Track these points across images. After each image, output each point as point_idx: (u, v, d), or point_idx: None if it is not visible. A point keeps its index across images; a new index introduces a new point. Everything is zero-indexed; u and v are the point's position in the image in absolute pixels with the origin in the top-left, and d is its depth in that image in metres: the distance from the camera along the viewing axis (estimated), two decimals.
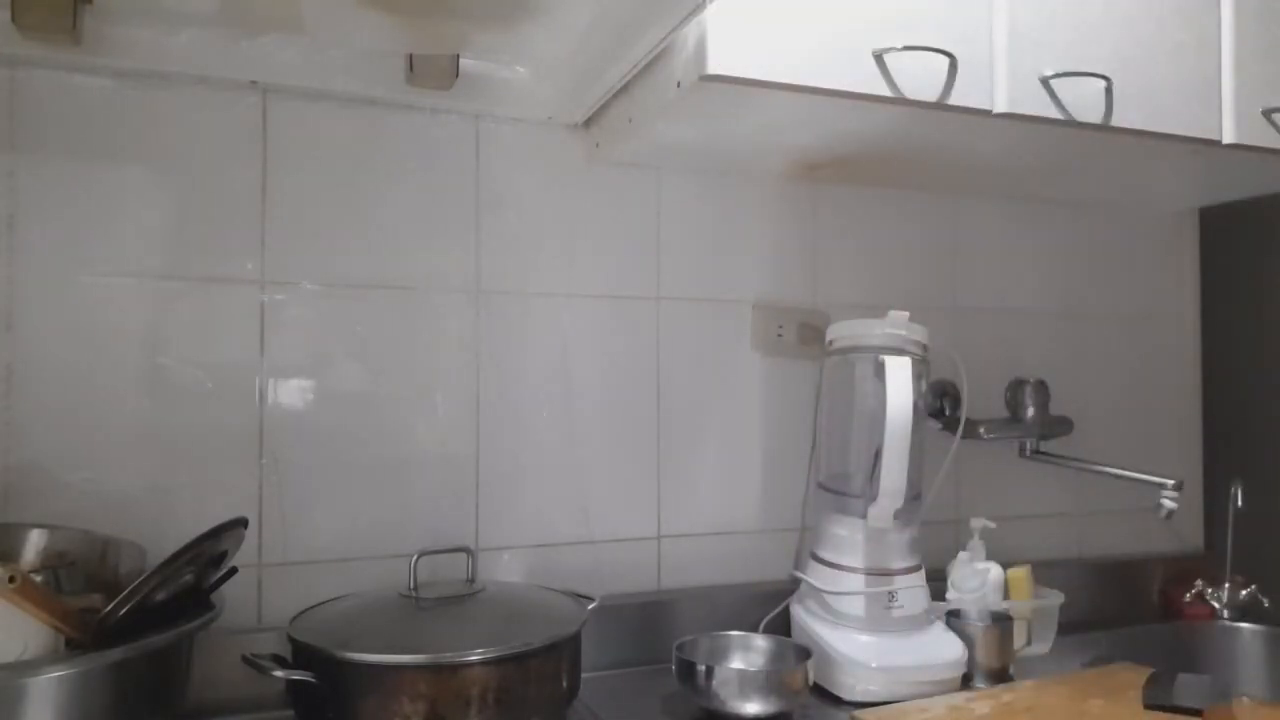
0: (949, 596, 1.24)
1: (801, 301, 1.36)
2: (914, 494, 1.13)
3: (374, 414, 1.13)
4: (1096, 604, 1.47)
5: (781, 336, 1.34)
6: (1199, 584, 1.46)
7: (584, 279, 1.24)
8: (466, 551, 1.08)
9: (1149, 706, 1.01)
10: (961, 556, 1.27)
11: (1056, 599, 1.29)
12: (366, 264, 1.13)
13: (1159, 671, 1.10)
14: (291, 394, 1.09)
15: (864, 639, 1.09)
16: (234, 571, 0.91)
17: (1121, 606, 1.50)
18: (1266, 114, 1.15)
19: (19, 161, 1.00)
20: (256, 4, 0.92)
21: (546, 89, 1.13)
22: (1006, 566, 1.27)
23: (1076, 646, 1.29)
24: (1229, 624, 1.44)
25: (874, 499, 1.09)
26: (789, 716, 1.01)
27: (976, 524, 1.28)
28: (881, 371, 1.08)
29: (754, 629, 1.18)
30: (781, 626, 1.21)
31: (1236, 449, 1.58)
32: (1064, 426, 1.44)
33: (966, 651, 1.10)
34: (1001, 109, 1.03)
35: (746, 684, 0.98)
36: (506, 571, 1.18)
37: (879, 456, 1.08)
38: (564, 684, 0.94)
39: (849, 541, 1.14)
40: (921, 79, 0.99)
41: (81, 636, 0.76)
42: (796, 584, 1.21)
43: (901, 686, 1.06)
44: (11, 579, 0.71)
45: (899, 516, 1.10)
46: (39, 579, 0.80)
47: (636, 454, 1.26)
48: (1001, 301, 1.50)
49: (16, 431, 0.98)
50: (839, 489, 1.18)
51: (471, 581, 1.07)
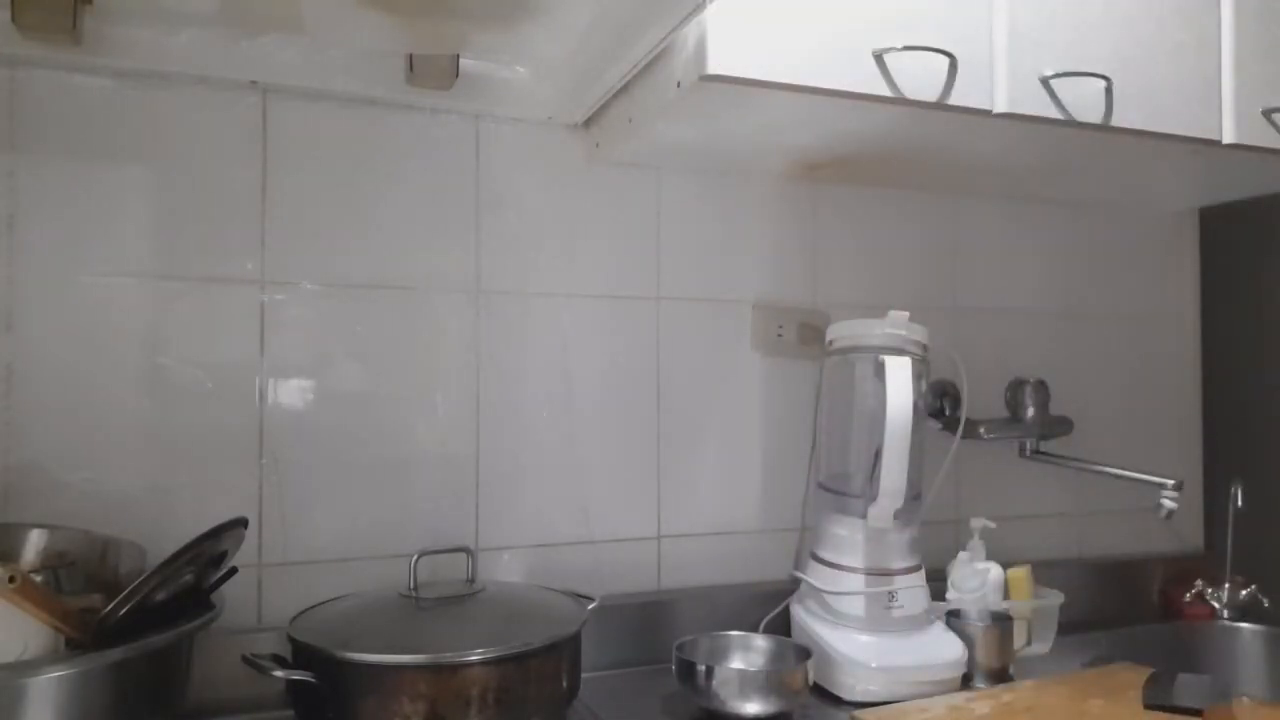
0: (949, 596, 1.24)
1: (801, 301, 1.36)
2: (914, 494, 1.13)
3: (374, 414, 1.13)
4: (1096, 604, 1.47)
5: (781, 336, 1.34)
6: (1199, 584, 1.46)
7: (584, 279, 1.24)
8: (466, 551, 1.08)
9: (1149, 706, 1.01)
10: (961, 556, 1.27)
11: (1056, 599, 1.28)
12: (366, 264, 1.13)
13: (1159, 671, 1.10)
14: (291, 394, 1.09)
15: (864, 639, 1.09)
16: (234, 571, 0.91)
17: (1121, 606, 1.50)
18: (1266, 114, 1.15)
19: (19, 161, 1.00)
20: (256, 4, 0.92)
21: (546, 89, 1.13)
22: (1006, 566, 1.27)
23: (1076, 646, 1.29)
24: (1229, 624, 1.44)
25: (874, 499, 1.09)
26: (789, 716, 1.01)
27: (976, 524, 1.28)
28: (881, 371, 1.08)
29: (754, 629, 1.18)
30: (781, 626, 1.21)
31: (1236, 449, 1.58)
32: (1064, 426, 1.44)
33: (966, 651, 1.10)
34: (1001, 109, 1.03)
35: (746, 684, 0.98)
36: (506, 571, 1.18)
37: (879, 456, 1.08)
38: (564, 684, 0.94)
39: (849, 541, 1.14)
40: (921, 79, 0.99)
41: (81, 636, 0.76)
42: (796, 584, 1.21)
43: (901, 686, 1.06)
44: (11, 579, 0.71)
45: (899, 516, 1.10)
46: (39, 579, 0.80)
47: (636, 454, 1.26)
48: (1001, 301, 1.50)
49: (16, 431, 0.98)
50: (839, 489, 1.18)
51: (471, 581, 1.07)
